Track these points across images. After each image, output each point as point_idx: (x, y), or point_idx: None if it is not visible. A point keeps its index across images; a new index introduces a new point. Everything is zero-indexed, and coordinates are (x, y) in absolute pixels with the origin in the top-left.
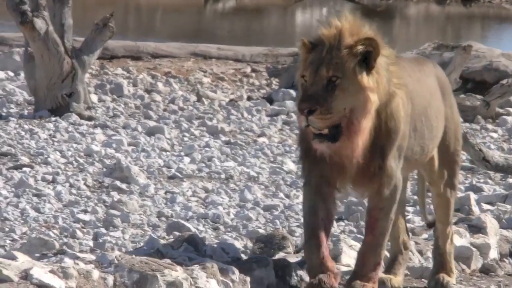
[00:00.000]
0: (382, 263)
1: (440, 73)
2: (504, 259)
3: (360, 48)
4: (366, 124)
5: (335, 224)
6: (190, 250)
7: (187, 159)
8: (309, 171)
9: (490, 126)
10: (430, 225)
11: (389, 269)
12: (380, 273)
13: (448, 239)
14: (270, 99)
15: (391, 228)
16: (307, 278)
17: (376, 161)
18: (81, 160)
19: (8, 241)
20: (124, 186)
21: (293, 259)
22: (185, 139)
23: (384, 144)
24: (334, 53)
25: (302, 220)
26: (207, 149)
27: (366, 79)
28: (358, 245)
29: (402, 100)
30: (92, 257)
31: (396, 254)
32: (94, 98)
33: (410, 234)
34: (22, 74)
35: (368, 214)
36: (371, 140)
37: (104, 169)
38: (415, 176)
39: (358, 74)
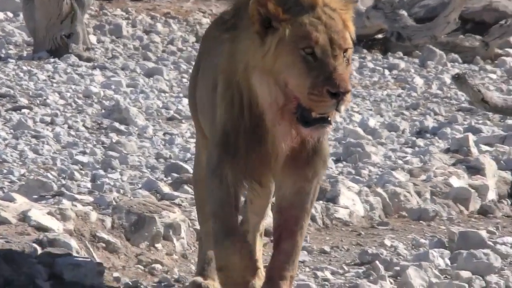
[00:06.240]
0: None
1: None
2: (502, 200)
3: (351, 5)
4: None
5: (333, 165)
6: (188, 191)
7: (185, 101)
8: (232, 162)
9: (489, 67)
10: None
11: (204, 272)
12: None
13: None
14: None
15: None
16: None
17: (311, 143)
18: (79, 102)
19: (6, 183)
20: (122, 127)
21: None
22: (184, 80)
23: None
24: (334, 17)
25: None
26: None
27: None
28: (356, 187)
29: None
30: (90, 199)
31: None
32: (93, 39)
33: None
34: (21, 15)
35: (284, 214)
36: None
37: (103, 111)
38: None
39: None
